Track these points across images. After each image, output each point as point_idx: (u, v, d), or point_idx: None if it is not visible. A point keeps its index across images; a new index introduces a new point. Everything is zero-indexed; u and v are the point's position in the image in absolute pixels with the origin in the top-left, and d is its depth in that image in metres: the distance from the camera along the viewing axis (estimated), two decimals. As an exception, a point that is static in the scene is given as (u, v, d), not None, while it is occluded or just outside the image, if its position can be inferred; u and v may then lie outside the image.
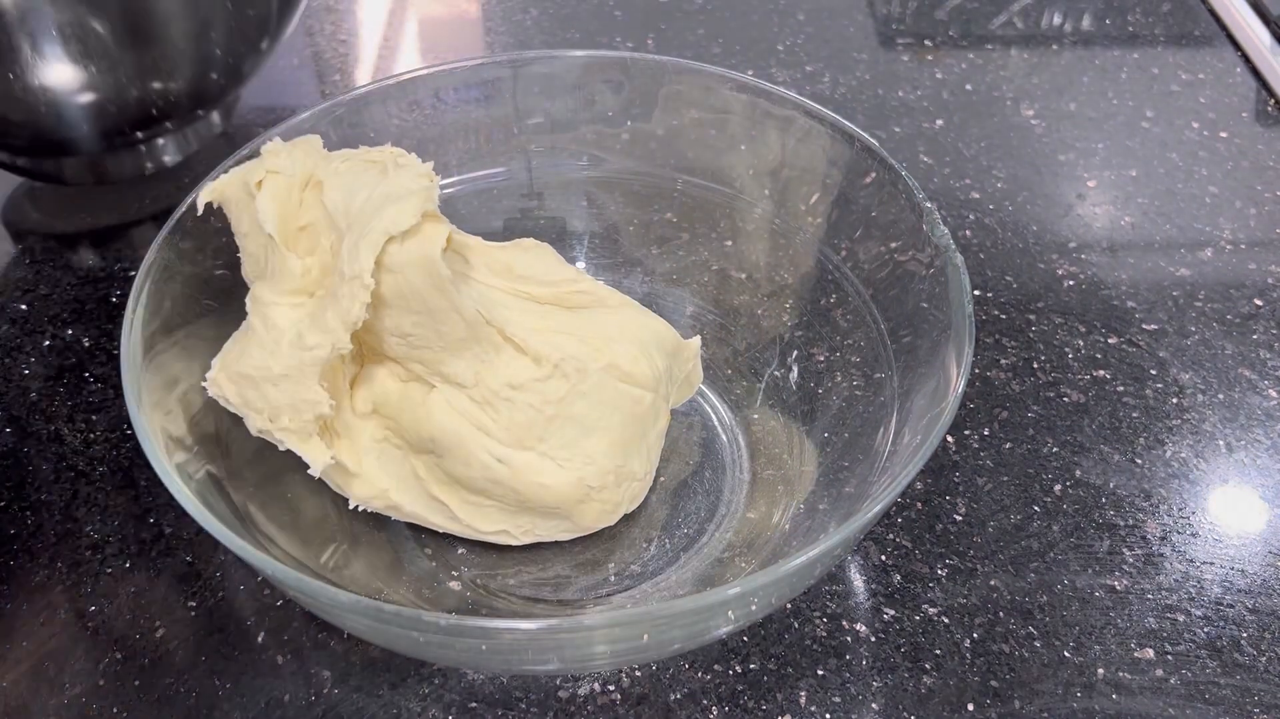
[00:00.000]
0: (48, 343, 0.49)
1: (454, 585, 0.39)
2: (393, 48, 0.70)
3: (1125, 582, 0.41)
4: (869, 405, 0.39)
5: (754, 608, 0.31)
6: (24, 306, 0.51)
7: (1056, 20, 0.72)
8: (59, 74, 0.45)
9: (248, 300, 0.36)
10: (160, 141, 0.54)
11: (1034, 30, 0.71)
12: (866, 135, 0.41)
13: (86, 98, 0.47)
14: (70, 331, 0.49)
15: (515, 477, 0.37)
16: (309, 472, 0.36)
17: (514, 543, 0.40)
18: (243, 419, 0.36)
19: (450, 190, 0.46)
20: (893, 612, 0.40)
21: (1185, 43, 0.70)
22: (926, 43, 0.69)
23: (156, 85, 0.49)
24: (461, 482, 0.38)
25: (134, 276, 0.35)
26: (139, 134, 0.52)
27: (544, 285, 0.40)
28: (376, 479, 0.38)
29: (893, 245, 0.40)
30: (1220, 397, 0.48)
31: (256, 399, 0.35)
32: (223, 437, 0.37)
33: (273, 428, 0.35)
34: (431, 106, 0.45)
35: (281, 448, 0.36)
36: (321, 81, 0.67)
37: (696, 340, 0.43)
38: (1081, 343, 0.50)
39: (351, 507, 0.39)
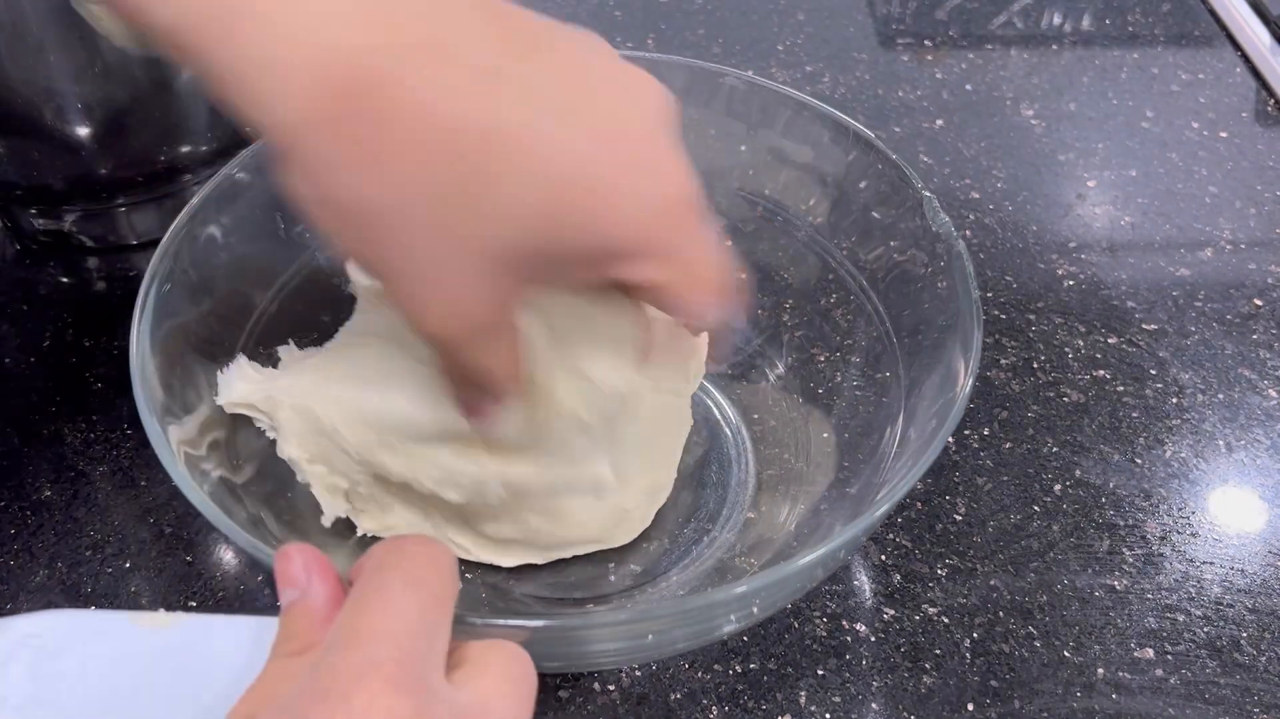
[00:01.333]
0: (48, 343, 0.49)
1: (456, 585, 0.39)
2: (392, 47, 0.70)
3: (1125, 581, 0.41)
4: (873, 405, 0.39)
5: (757, 608, 0.31)
6: (24, 306, 0.50)
7: (1056, 20, 0.72)
8: (87, 136, 0.46)
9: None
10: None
11: (1034, 30, 0.71)
12: (864, 128, 0.40)
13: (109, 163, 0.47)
14: (70, 332, 0.49)
15: (558, 528, 0.37)
16: (321, 520, 0.36)
17: (536, 562, 0.39)
18: (265, 433, 0.36)
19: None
20: (893, 611, 0.40)
21: (1185, 43, 0.70)
22: (926, 43, 0.69)
23: (184, 149, 0.49)
24: (494, 539, 0.38)
25: (134, 277, 0.35)
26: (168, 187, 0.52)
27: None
28: (392, 524, 0.38)
29: (893, 244, 0.40)
30: (1220, 396, 0.48)
31: (327, 446, 0.34)
32: (233, 443, 0.37)
33: (308, 469, 0.35)
34: (432, 106, 0.45)
35: (301, 479, 0.35)
36: (321, 81, 0.67)
37: (704, 337, 0.43)
38: (1081, 343, 0.50)
39: (360, 534, 0.38)
